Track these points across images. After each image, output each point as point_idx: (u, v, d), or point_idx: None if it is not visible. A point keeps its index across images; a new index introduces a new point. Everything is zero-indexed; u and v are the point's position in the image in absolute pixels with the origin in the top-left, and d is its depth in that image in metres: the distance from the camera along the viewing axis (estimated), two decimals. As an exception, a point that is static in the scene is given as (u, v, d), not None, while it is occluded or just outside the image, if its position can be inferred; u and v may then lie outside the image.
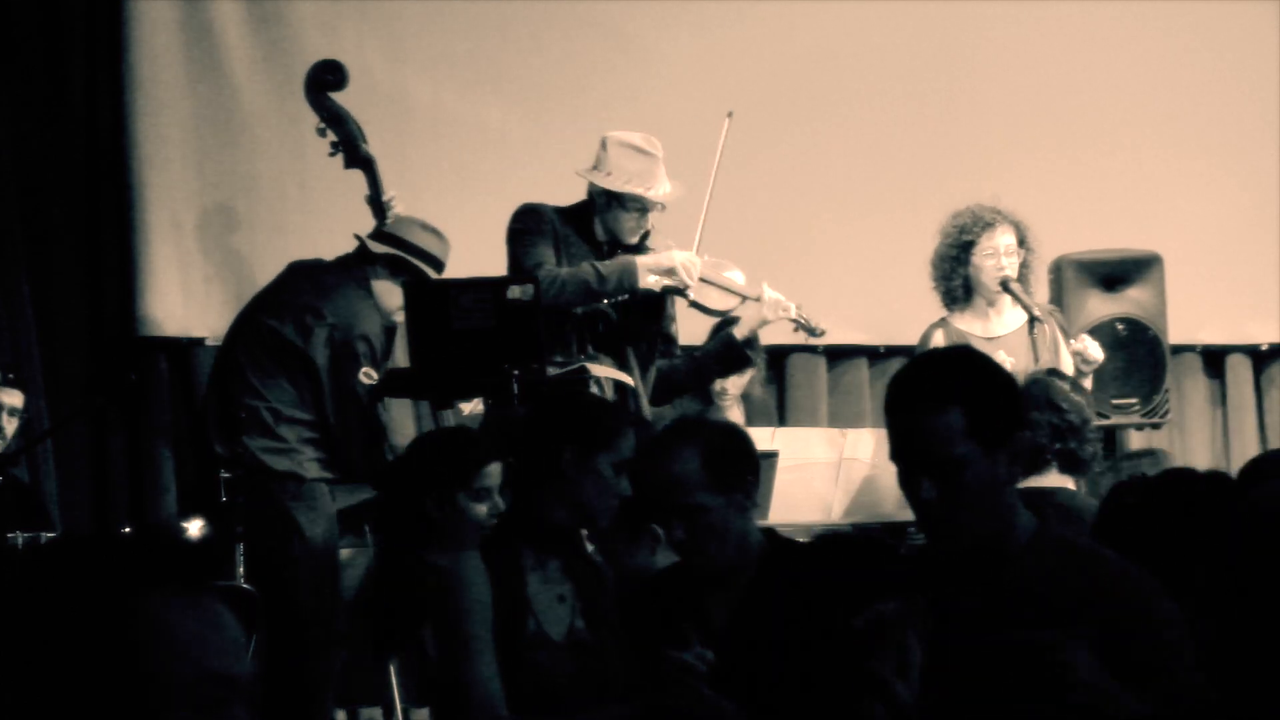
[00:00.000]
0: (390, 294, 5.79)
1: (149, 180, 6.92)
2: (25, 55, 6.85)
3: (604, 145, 5.77)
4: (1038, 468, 4.81)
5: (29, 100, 6.85)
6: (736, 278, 5.92)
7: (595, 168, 5.75)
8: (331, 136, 6.25)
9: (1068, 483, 4.91)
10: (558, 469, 3.78)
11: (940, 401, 2.72)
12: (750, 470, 3.63)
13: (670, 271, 5.65)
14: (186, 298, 6.91)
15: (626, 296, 5.62)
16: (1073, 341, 5.99)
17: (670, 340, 5.94)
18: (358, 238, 5.87)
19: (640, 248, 5.80)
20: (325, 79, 6.32)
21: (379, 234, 5.90)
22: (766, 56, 7.42)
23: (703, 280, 5.80)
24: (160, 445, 6.85)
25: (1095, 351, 5.97)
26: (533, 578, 3.72)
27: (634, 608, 3.63)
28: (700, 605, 3.54)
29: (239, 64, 7.03)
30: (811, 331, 5.97)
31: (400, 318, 5.77)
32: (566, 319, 5.61)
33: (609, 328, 5.74)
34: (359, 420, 5.66)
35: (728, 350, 5.95)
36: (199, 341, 6.87)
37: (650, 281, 5.64)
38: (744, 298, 5.87)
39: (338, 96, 6.32)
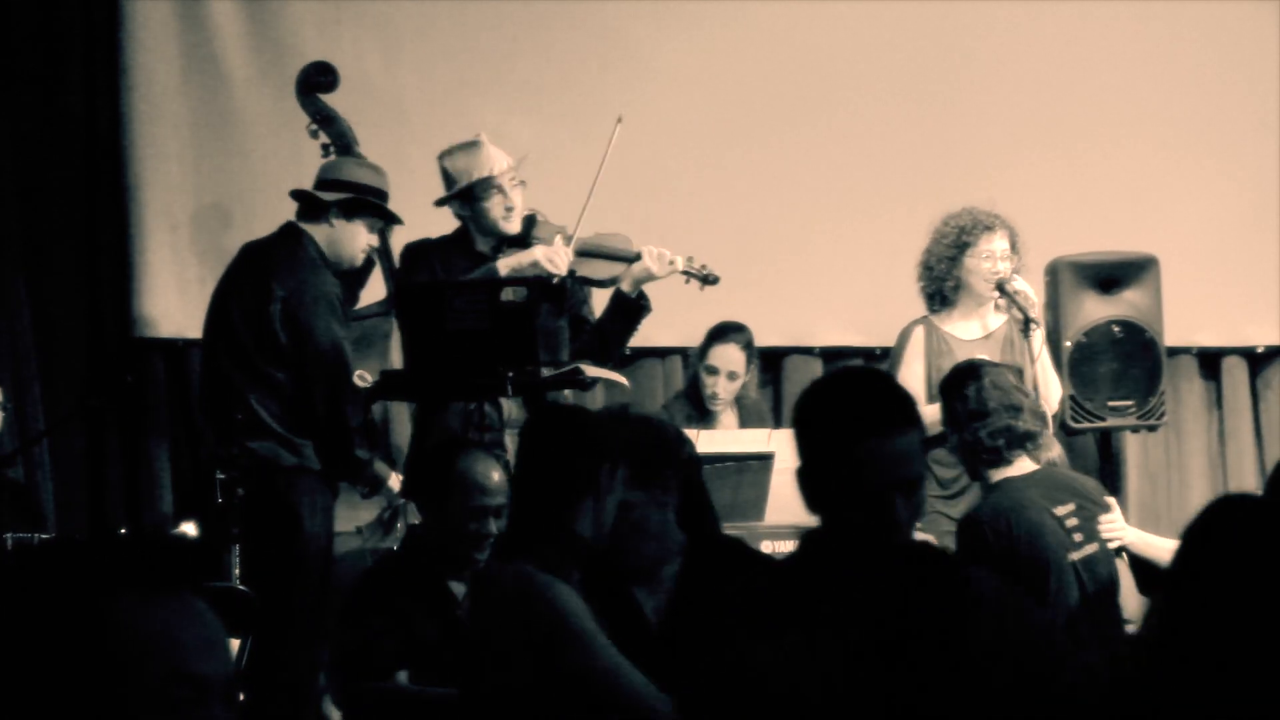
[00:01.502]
0: (351, 241, 5.80)
1: (146, 181, 6.93)
2: (24, 56, 6.85)
3: (441, 169, 5.91)
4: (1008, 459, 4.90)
5: (27, 101, 6.86)
6: (618, 244, 5.93)
7: (447, 190, 5.87)
8: (323, 138, 6.27)
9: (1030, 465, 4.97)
10: (596, 486, 3.72)
11: (910, 421, 2.79)
12: (670, 464, 3.63)
13: (534, 264, 5.73)
14: (183, 299, 6.91)
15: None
16: (1015, 281, 6.00)
17: (586, 323, 5.96)
18: (301, 192, 5.84)
19: (526, 239, 5.84)
20: (317, 80, 6.34)
21: (321, 183, 5.87)
22: (763, 58, 7.42)
23: (583, 254, 5.85)
24: (156, 446, 6.85)
25: (1025, 286, 5.98)
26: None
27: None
28: (629, 601, 3.53)
29: (236, 65, 7.03)
30: (705, 279, 5.92)
31: (369, 243, 5.83)
32: None
33: None
34: (333, 376, 5.67)
35: (619, 304, 5.91)
36: (195, 343, 6.84)
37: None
38: (628, 261, 5.88)
39: (329, 98, 6.33)
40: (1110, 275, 6.74)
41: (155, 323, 6.92)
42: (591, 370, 5.54)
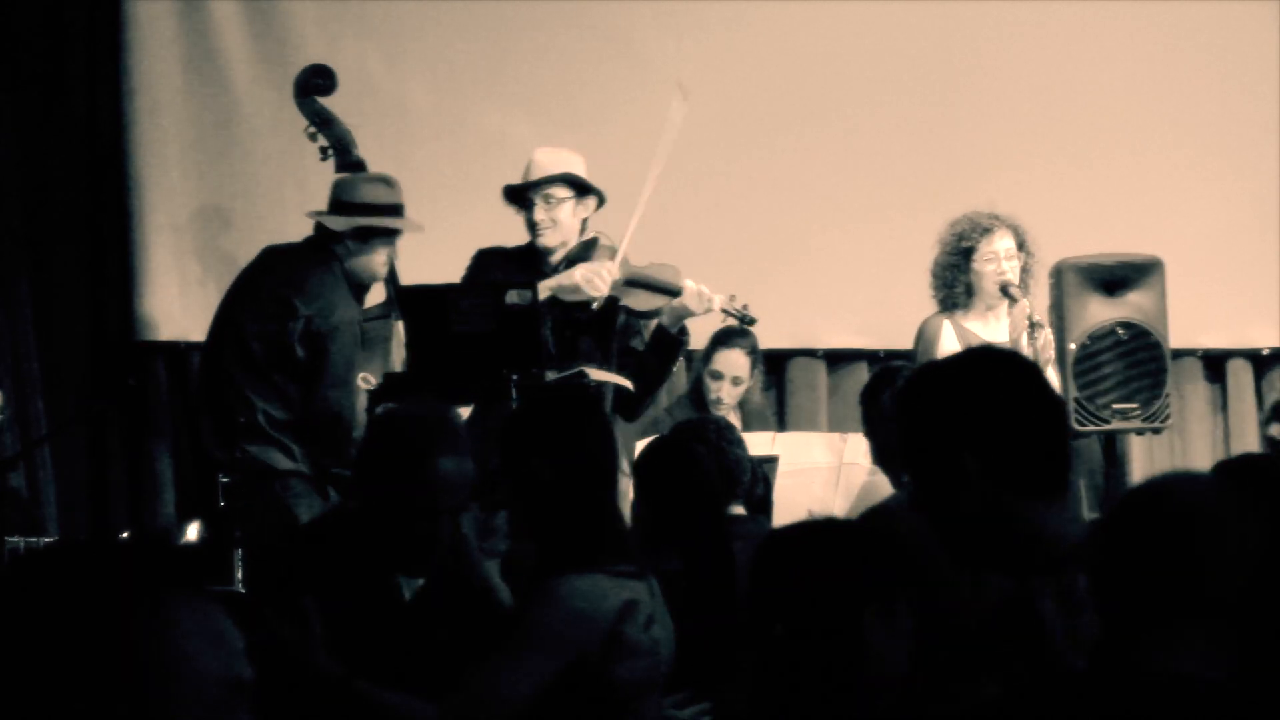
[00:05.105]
0: (369, 264, 5.82)
1: (148, 182, 6.93)
2: (25, 57, 6.85)
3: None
4: None
5: (29, 102, 6.86)
6: (665, 275, 5.86)
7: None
8: (321, 141, 6.27)
9: None
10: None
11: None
12: None
13: (575, 289, 5.66)
14: (185, 301, 6.92)
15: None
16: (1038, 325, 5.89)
17: (634, 354, 5.89)
18: (313, 217, 5.85)
19: (585, 255, 5.78)
20: (314, 83, 6.35)
21: (332, 207, 5.87)
22: (765, 61, 7.41)
23: (629, 283, 5.79)
24: (159, 449, 6.85)
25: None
26: None
27: None
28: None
29: (238, 66, 7.03)
30: (743, 319, 5.93)
31: (383, 272, 5.83)
32: None
33: (560, 347, 5.68)
34: (334, 405, 5.68)
35: (657, 342, 5.87)
36: (197, 345, 6.85)
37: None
38: (670, 294, 5.83)
39: (327, 100, 6.33)
40: (1115, 277, 6.72)
41: (157, 325, 6.92)
42: (595, 374, 5.53)
